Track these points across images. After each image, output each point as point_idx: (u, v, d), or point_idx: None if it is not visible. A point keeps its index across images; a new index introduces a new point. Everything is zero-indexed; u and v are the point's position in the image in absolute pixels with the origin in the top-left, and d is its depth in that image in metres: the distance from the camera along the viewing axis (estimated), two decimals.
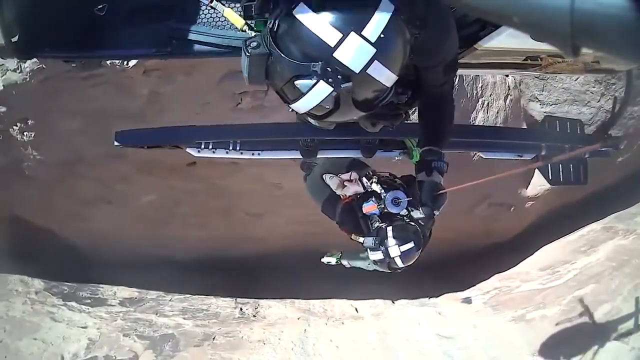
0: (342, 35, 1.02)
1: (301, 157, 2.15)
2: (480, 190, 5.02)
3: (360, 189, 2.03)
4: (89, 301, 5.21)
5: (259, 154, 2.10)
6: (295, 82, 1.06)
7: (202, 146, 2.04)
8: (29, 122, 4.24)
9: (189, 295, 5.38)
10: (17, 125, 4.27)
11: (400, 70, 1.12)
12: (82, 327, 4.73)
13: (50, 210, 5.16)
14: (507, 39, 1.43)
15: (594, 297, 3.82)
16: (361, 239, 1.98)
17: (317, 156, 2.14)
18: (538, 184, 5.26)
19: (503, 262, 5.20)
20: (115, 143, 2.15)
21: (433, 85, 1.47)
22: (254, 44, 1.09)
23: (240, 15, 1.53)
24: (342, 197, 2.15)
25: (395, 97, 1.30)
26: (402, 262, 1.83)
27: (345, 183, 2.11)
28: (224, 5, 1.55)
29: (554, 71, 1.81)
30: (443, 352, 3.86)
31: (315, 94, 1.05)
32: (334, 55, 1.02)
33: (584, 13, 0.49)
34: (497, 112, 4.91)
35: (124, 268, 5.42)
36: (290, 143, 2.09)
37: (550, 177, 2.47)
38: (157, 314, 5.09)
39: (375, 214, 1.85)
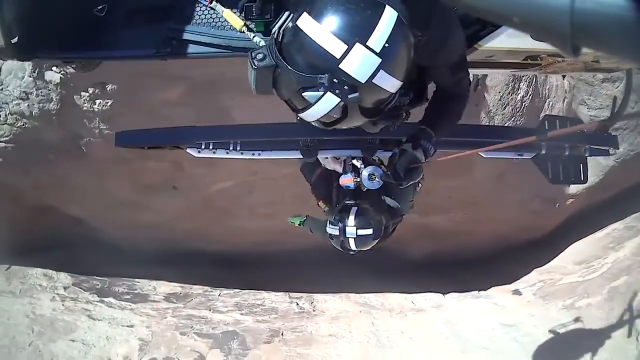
0: (347, 46, 1.02)
1: (301, 157, 2.15)
2: (533, 185, 5.17)
3: (339, 169, 2.03)
4: (129, 297, 4.93)
5: (259, 154, 2.10)
6: (303, 94, 1.08)
7: (203, 146, 2.04)
8: (108, 87, 4.05)
9: (238, 290, 5.21)
10: (88, 91, 4.08)
11: (404, 77, 1.13)
12: (128, 326, 4.42)
13: (93, 197, 5.05)
14: (507, 39, 1.43)
15: (627, 287, 4.26)
16: (327, 209, 1.98)
17: (317, 156, 2.15)
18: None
19: (541, 257, 5.49)
20: (115, 144, 2.15)
21: (446, 83, 1.47)
22: (260, 55, 1.10)
23: (239, 16, 1.53)
24: (323, 165, 2.17)
25: (398, 99, 1.29)
26: (355, 245, 1.84)
27: (330, 158, 2.11)
28: (223, 6, 1.55)
29: (554, 71, 1.82)
30: (510, 339, 4.01)
31: (323, 104, 1.07)
32: (340, 66, 1.03)
33: (584, 13, 0.49)
34: (558, 113, 5.10)
35: (161, 263, 5.34)
36: (290, 143, 2.09)
37: (550, 176, 2.47)
38: (210, 310, 4.84)
39: (349, 187, 1.84)
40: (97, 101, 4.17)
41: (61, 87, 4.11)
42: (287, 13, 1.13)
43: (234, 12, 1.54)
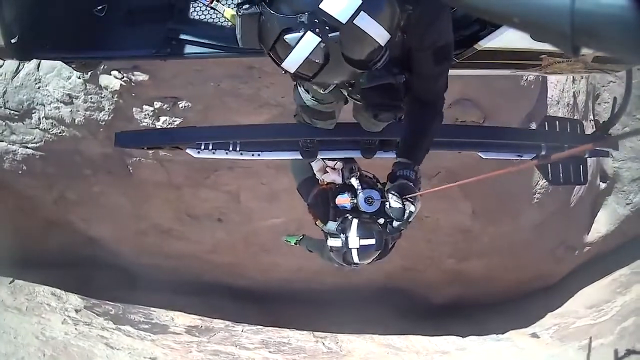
0: None
1: (301, 157, 2.14)
2: (561, 233, 5.38)
3: (339, 180, 2.01)
4: (147, 326, 4.78)
5: (258, 155, 2.09)
6: (285, 37, 1.07)
7: (202, 147, 2.04)
8: (180, 104, 3.64)
9: (261, 327, 5.14)
10: (153, 105, 3.68)
11: (391, 29, 1.12)
12: (151, 358, 4.21)
13: (125, 220, 4.85)
14: (507, 39, 1.43)
15: (636, 327, 4.66)
16: (325, 228, 1.97)
17: (317, 157, 2.14)
18: (597, 229, 5.75)
19: (553, 302, 5.77)
20: (115, 144, 2.15)
21: (423, 76, 1.43)
22: (246, 6, 1.11)
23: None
24: (320, 182, 2.14)
25: (392, 77, 1.30)
26: (358, 257, 1.79)
27: (328, 169, 2.09)
28: (223, 6, 1.55)
29: (554, 71, 1.82)
30: None
31: (304, 46, 1.06)
32: (320, 6, 1.03)
33: (584, 13, 0.49)
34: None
35: (179, 294, 5.22)
36: (290, 143, 2.09)
37: (550, 177, 2.47)
38: (236, 346, 4.72)
39: (345, 207, 1.84)
40: (163, 118, 3.82)
41: (119, 96, 3.74)
42: None
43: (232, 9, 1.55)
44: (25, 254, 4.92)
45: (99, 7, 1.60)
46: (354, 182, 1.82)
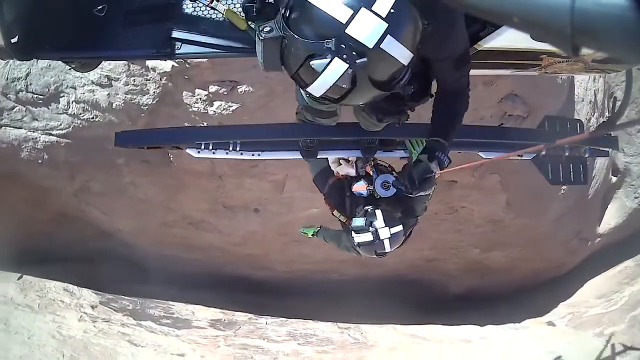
0: (352, 11, 1.02)
1: (301, 157, 2.14)
2: (576, 225, 5.46)
3: (353, 172, 2.06)
4: (169, 321, 4.67)
5: (259, 155, 2.09)
6: (311, 63, 1.06)
7: (202, 147, 2.04)
8: (240, 89, 3.39)
9: (284, 319, 5.10)
10: (208, 89, 3.44)
11: (414, 48, 1.12)
12: (179, 355, 4.12)
13: (153, 211, 4.71)
14: (507, 39, 1.43)
15: None
16: (343, 218, 1.98)
17: (318, 156, 2.15)
18: (606, 222, 5.89)
19: (564, 292, 5.90)
20: (115, 144, 2.15)
21: (447, 80, 1.45)
22: (267, 28, 1.09)
23: (241, 15, 1.52)
24: (335, 173, 2.16)
25: (402, 88, 1.27)
26: (390, 246, 1.82)
27: (342, 161, 2.12)
28: (223, 5, 1.55)
29: (554, 71, 1.81)
30: None
31: (331, 72, 1.05)
32: (347, 31, 1.03)
33: (584, 13, 0.49)
34: None
35: (196, 287, 5.17)
36: (290, 143, 2.09)
37: (550, 177, 2.47)
38: (263, 339, 4.68)
39: (362, 194, 1.85)
40: (217, 103, 3.60)
41: (169, 79, 3.50)
42: None
43: (235, 12, 1.54)
44: (34, 248, 4.85)
45: (99, 7, 1.60)
46: (369, 169, 1.83)
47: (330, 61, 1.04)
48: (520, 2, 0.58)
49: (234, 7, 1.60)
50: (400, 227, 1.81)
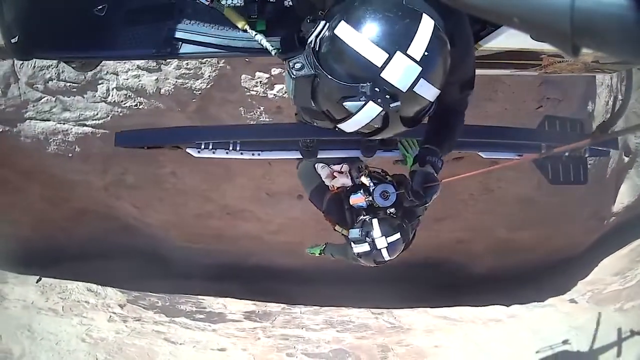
0: (388, 55, 1.02)
1: (301, 157, 2.15)
2: (596, 203, 5.47)
3: (349, 182, 2.02)
4: (202, 316, 4.55)
5: (259, 154, 2.09)
6: (344, 104, 1.07)
7: (202, 146, 2.04)
8: None
9: (318, 307, 5.05)
10: (270, 72, 3.37)
11: (442, 84, 1.12)
12: (220, 350, 4.01)
13: (191, 203, 4.58)
14: (507, 39, 1.43)
15: None
16: (345, 232, 1.97)
17: (318, 156, 2.14)
18: (620, 201, 5.92)
19: (580, 271, 5.96)
20: (115, 144, 2.15)
21: (448, 99, 1.42)
22: (298, 65, 1.10)
23: (239, 12, 1.52)
24: (330, 187, 2.13)
25: None
26: (389, 254, 1.81)
27: (335, 174, 2.09)
28: (224, 5, 1.55)
29: (554, 71, 1.81)
30: (583, 337, 4.41)
31: (365, 114, 1.06)
32: (382, 75, 1.03)
33: (584, 13, 0.49)
34: None
35: (221, 279, 5.11)
36: (290, 143, 2.09)
37: (550, 177, 2.47)
38: (302, 328, 4.60)
39: (362, 206, 1.82)
40: (278, 87, 3.49)
41: (227, 62, 3.36)
42: (322, 22, 1.12)
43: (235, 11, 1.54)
44: (51, 248, 4.74)
45: (99, 7, 1.59)
46: (365, 180, 1.82)
47: (365, 104, 1.05)
48: (520, 2, 0.58)
49: (234, 5, 1.60)
50: (398, 236, 1.78)
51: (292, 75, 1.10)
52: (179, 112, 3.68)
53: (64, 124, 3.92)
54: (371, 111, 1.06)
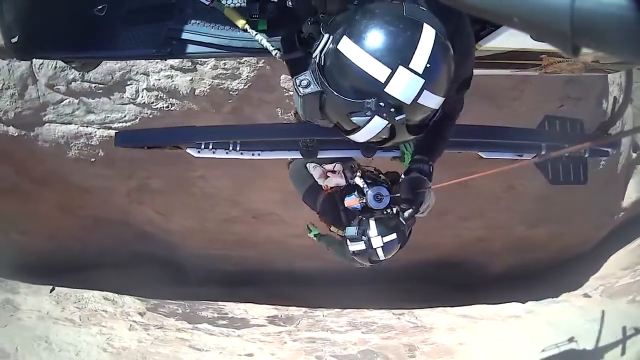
0: (390, 70, 1.03)
1: (301, 157, 2.14)
2: (606, 199, 5.49)
3: (343, 182, 2.04)
4: (225, 322, 4.50)
5: (259, 154, 2.09)
6: (352, 118, 1.09)
7: (202, 147, 2.04)
8: None
9: (339, 310, 5.05)
10: None
11: (446, 92, 1.13)
12: (247, 355, 3.98)
13: (218, 207, 4.49)
14: (507, 39, 1.43)
15: None
16: (341, 232, 1.94)
17: (318, 156, 2.14)
18: (628, 196, 5.98)
19: (590, 267, 6.01)
20: (115, 144, 2.15)
21: (445, 101, 1.47)
22: (305, 82, 1.12)
23: (240, 12, 1.52)
24: (324, 187, 2.12)
25: None
26: (384, 254, 1.82)
27: (328, 174, 2.09)
28: (224, 5, 1.55)
29: (554, 71, 1.81)
30: (598, 329, 4.43)
31: (372, 128, 1.09)
32: (386, 90, 1.04)
33: (584, 13, 0.49)
34: None
35: (236, 284, 5.07)
36: (290, 143, 2.09)
37: (550, 177, 2.47)
38: (327, 330, 4.58)
39: (356, 208, 1.83)
40: None
41: (267, 62, 3.29)
42: (326, 36, 1.13)
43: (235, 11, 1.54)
44: (64, 257, 4.66)
45: (99, 7, 1.59)
46: (359, 181, 1.82)
47: (371, 119, 1.07)
48: (520, 2, 0.58)
49: (235, 4, 1.60)
50: (394, 236, 1.78)
51: (300, 93, 1.12)
52: (213, 113, 3.61)
53: (87, 127, 3.80)
54: (378, 125, 1.08)
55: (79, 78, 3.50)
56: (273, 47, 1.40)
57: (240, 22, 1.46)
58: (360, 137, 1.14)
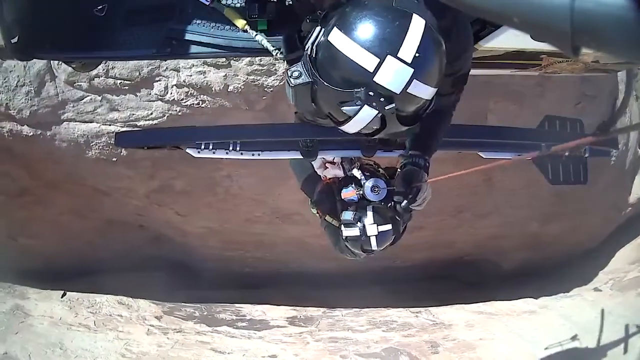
0: (379, 59, 1.04)
1: (302, 157, 2.14)
2: (614, 194, 5.51)
3: (341, 173, 2.00)
4: (245, 324, 4.41)
5: (259, 154, 2.08)
6: (342, 108, 1.10)
7: (202, 147, 2.04)
8: None
9: (357, 309, 5.03)
10: None
11: (438, 83, 1.14)
12: (271, 357, 3.92)
13: (245, 207, 4.43)
14: (507, 39, 1.43)
15: None
16: (336, 222, 1.93)
17: (318, 156, 2.14)
18: (635, 192, 5.98)
19: (598, 263, 6.08)
20: (115, 144, 2.15)
21: (440, 93, 1.48)
22: (296, 73, 1.13)
23: (240, 12, 1.52)
24: (322, 177, 2.12)
25: None
26: (377, 244, 1.78)
27: (327, 165, 2.08)
28: (224, 5, 1.55)
29: (554, 71, 1.82)
30: (612, 321, 4.50)
31: (362, 117, 1.10)
32: (375, 79, 1.05)
33: (584, 13, 0.49)
34: None
35: (251, 286, 5.07)
36: (290, 143, 2.09)
37: (550, 177, 2.47)
38: (348, 330, 4.54)
39: (353, 200, 1.81)
40: None
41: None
42: (318, 28, 1.14)
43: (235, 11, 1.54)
44: (75, 262, 4.58)
45: (99, 7, 1.59)
46: (357, 173, 1.82)
47: (361, 108, 1.07)
48: (520, 2, 0.58)
49: (235, 5, 1.60)
50: (389, 226, 1.76)
51: (290, 84, 1.14)
52: (246, 110, 3.53)
53: (109, 125, 3.64)
54: (367, 114, 1.08)
55: (103, 74, 3.39)
56: (273, 47, 1.41)
57: (240, 23, 1.47)
58: (351, 127, 1.14)
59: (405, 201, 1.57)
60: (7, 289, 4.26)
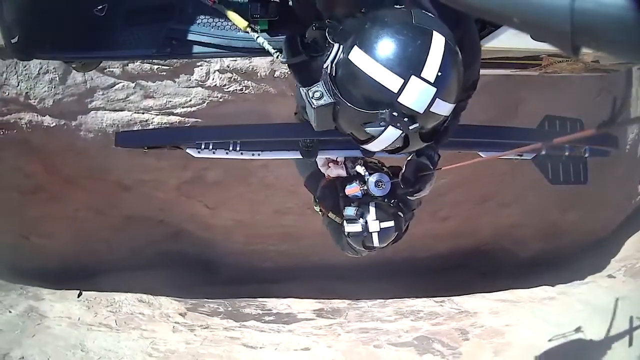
0: (403, 80, 1.02)
1: (302, 157, 2.15)
2: (625, 183, 5.54)
3: (343, 173, 2.01)
4: (272, 318, 4.38)
5: (259, 154, 2.08)
6: (366, 129, 1.08)
7: (202, 147, 2.04)
8: None
9: (381, 300, 5.04)
10: None
11: (457, 98, 1.12)
12: (304, 349, 3.88)
13: (280, 199, 4.38)
14: (507, 39, 1.43)
15: None
16: (338, 219, 1.92)
17: (318, 156, 2.15)
18: None
19: (609, 251, 6.15)
20: (115, 144, 2.15)
21: None
22: (318, 94, 1.11)
23: (241, 12, 1.52)
24: (326, 176, 2.12)
25: None
26: (379, 241, 1.79)
27: (330, 164, 2.07)
28: (226, 4, 1.55)
29: (554, 71, 1.82)
30: (626, 305, 4.55)
31: (386, 137, 1.08)
32: (399, 100, 1.03)
33: (584, 13, 0.49)
34: None
35: (272, 281, 5.06)
36: (290, 143, 2.09)
37: (550, 177, 2.47)
38: (377, 320, 4.56)
39: (357, 196, 1.82)
40: None
41: None
42: (337, 45, 1.11)
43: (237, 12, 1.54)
44: (90, 260, 4.52)
45: (99, 7, 1.59)
46: (360, 169, 1.82)
47: (385, 129, 1.06)
48: (520, 2, 0.58)
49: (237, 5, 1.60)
50: (391, 223, 1.76)
51: (313, 105, 1.11)
52: (291, 96, 3.35)
53: (143, 113, 3.47)
54: (392, 134, 1.07)
55: (140, 60, 3.24)
56: (274, 49, 1.40)
57: (242, 24, 1.46)
58: (374, 146, 1.13)
59: (409, 190, 1.58)
60: (19, 291, 4.13)
